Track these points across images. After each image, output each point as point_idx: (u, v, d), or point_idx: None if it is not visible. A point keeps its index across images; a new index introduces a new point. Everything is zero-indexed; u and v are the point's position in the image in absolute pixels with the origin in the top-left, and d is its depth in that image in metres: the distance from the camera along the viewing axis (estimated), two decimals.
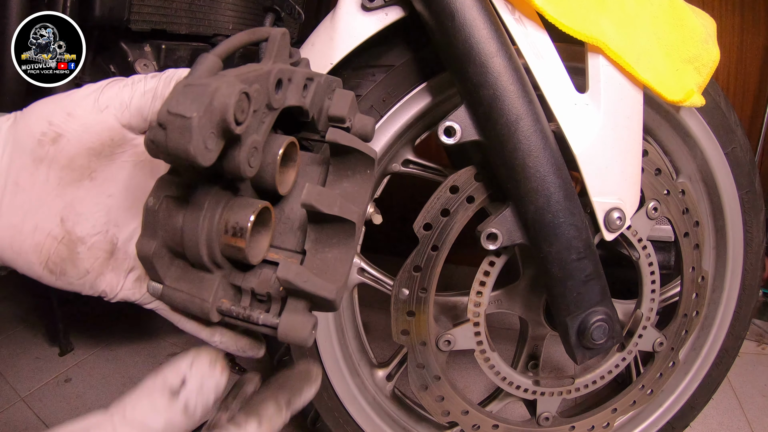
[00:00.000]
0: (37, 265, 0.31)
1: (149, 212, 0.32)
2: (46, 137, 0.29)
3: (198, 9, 0.73)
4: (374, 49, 0.65)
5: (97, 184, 0.32)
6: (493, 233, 0.60)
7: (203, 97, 0.26)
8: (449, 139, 0.57)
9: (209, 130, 0.26)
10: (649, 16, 0.60)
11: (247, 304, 0.35)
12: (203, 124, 0.26)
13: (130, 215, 0.34)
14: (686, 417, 0.88)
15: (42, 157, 0.29)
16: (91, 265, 0.33)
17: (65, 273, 0.32)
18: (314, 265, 0.35)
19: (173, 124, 0.25)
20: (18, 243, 0.30)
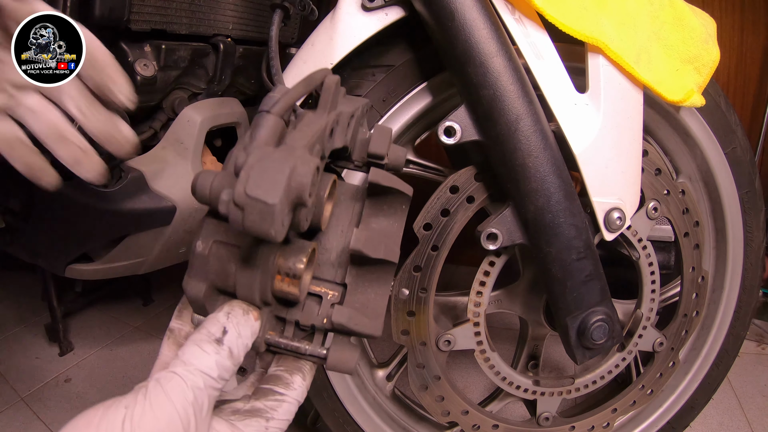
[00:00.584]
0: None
1: (199, 257, 0.32)
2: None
3: (198, 9, 0.73)
4: (374, 49, 0.65)
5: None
6: (493, 233, 0.60)
7: (281, 180, 0.25)
8: (449, 139, 0.57)
9: (287, 212, 0.27)
10: (649, 16, 0.60)
11: (290, 335, 0.36)
12: (282, 206, 0.26)
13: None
14: (686, 417, 0.88)
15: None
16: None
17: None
18: (356, 300, 0.36)
19: (252, 208, 0.25)
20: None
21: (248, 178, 0.26)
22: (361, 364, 0.77)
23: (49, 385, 1.09)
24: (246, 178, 0.26)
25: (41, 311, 1.34)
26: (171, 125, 0.75)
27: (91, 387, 1.09)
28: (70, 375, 1.12)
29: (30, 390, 1.07)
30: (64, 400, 1.04)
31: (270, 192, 0.25)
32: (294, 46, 0.96)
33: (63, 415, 1.01)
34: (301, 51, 0.64)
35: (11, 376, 1.10)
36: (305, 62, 0.64)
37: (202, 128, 0.76)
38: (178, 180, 0.74)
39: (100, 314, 1.40)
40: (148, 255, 0.79)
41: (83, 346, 1.25)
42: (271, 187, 0.25)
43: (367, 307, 0.36)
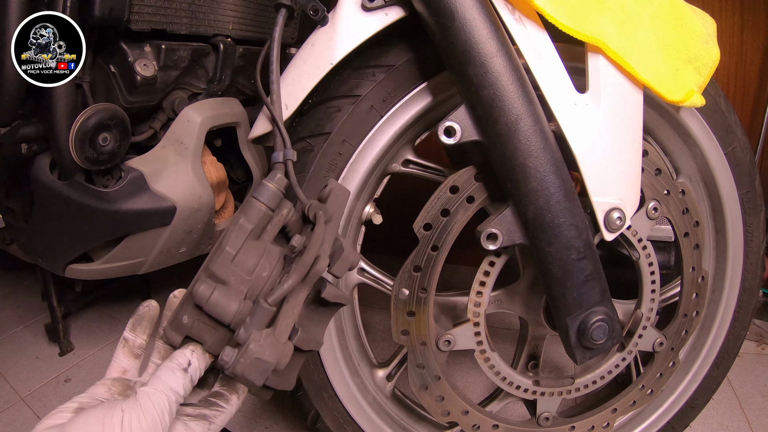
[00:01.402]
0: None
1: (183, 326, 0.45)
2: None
3: (198, 9, 0.73)
4: (374, 48, 0.65)
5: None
6: (493, 233, 0.60)
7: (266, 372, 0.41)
8: (449, 139, 0.57)
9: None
10: (649, 16, 0.60)
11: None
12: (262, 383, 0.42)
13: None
14: (686, 417, 0.88)
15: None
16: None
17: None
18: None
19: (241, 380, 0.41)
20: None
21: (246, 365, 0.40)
22: (361, 364, 0.77)
23: (49, 385, 1.09)
24: (245, 363, 0.40)
25: (41, 311, 1.34)
26: (171, 125, 0.75)
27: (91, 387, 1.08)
28: (70, 375, 1.12)
29: (30, 390, 1.07)
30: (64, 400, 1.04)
31: (258, 378, 0.40)
32: (294, 46, 0.96)
33: None
34: (301, 51, 0.64)
35: (11, 376, 1.10)
36: (305, 62, 0.64)
37: (202, 128, 0.76)
38: (178, 180, 0.74)
39: (100, 314, 1.40)
40: (148, 255, 0.79)
41: (83, 346, 1.25)
42: (259, 375, 0.40)
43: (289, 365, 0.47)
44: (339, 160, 0.67)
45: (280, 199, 0.48)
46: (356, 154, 0.67)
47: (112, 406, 0.39)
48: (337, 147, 0.67)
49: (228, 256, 0.43)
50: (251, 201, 0.46)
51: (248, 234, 0.44)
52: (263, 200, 0.46)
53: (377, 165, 0.70)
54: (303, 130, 0.68)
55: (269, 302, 0.41)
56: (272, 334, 0.41)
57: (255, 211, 0.46)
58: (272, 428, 1.00)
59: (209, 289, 0.42)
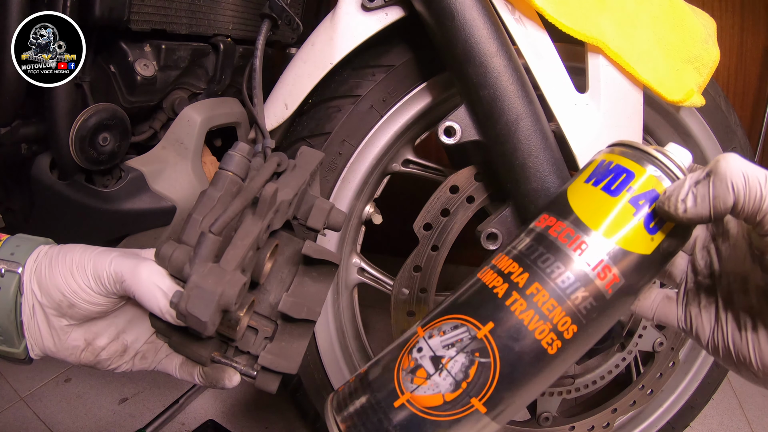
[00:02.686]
0: (74, 364, 0.45)
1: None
2: (63, 303, 0.41)
3: (198, 9, 0.73)
4: (374, 48, 0.65)
5: (107, 317, 0.45)
6: (493, 233, 0.60)
7: (211, 302, 0.36)
8: (449, 139, 0.57)
9: (216, 318, 0.37)
10: (649, 16, 0.60)
11: (231, 354, 0.47)
12: (213, 319, 0.36)
13: (132, 325, 0.46)
14: (686, 417, 0.88)
15: (63, 312, 0.41)
16: (111, 361, 0.46)
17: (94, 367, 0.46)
18: (283, 338, 0.46)
19: (191, 318, 0.36)
20: (58, 352, 0.43)
21: (189, 298, 0.36)
22: (361, 364, 0.77)
23: (49, 385, 1.09)
24: (187, 297, 0.36)
25: None
26: (171, 125, 0.75)
27: (91, 387, 1.08)
28: (70, 375, 1.12)
29: (30, 390, 1.07)
30: (64, 400, 1.04)
31: (203, 312, 0.36)
32: (294, 46, 0.96)
33: (63, 415, 1.01)
34: (301, 51, 0.64)
35: (11, 376, 1.10)
36: (305, 62, 0.64)
37: (202, 128, 0.76)
38: (177, 180, 0.74)
39: None
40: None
41: None
42: (204, 308, 0.36)
43: (290, 347, 0.45)
44: (339, 160, 0.67)
45: (247, 166, 0.46)
46: (356, 154, 0.67)
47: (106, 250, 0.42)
48: (337, 147, 0.67)
49: (195, 222, 0.42)
50: (218, 172, 0.45)
51: (216, 201, 0.43)
52: (230, 168, 0.44)
53: (377, 165, 0.70)
54: (303, 130, 0.68)
55: (212, 230, 0.38)
56: (217, 265, 0.38)
57: (222, 179, 0.44)
58: (272, 428, 1.00)
59: (170, 249, 0.40)
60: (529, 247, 0.35)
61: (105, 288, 0.41)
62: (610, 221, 0.34)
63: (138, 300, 0.40)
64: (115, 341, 0.45)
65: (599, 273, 0.33)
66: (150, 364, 0.48)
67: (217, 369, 0.46)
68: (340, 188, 0.68)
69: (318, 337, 0.72)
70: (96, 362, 0.45)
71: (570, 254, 0.34)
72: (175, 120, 0.75)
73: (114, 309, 0.44)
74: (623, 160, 0.36)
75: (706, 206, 0.31)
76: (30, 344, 0.42)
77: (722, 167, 0.31)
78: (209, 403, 1.04)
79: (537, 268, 0.34)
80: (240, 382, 0.47)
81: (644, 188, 0.34)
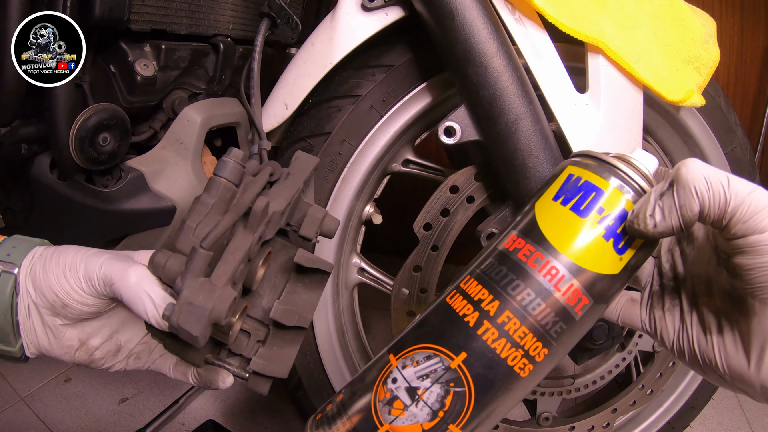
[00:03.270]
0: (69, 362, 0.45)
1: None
2: (57, 304, 0.41)
3: (198, 9, 0.73)
4: (374, 48, 0.65)
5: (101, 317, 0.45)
6: (493, 233, 0.60)
7: (202, 318, 0.37)
8: (449, 139, 0.57)
9: (207, 331, 0.38)
10: (649, 16, 0.60)
11: (224, 356, 0.48)
12: (204, 333, 0.37)
13: (126, 326, 0.47)
14: (686, 417, 0.88)
15: (56, 312, 0.42)
16: (105, 360, 0.47)
17: (89, 366, 0.47)
18: (275, 342, 0.47)
19: (182, 332, 0.37)
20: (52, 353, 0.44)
21: (180, 313, 0.37)
22: (361, 364, 0.77)
23: (49, 385, 1.09)
24: (179, 312, 0.37)
25: None
26: (171, 125, 0.75)
27: (91, 387, 1.09)
28: (70, 375, 1.12)
29: (30, 390, 1.07)
30: (64, 400, 1.04)
31: (194, 327, 0.37)
32: (294, 46, 0.96)
33: (63, 415, 1.01)
34: (301, 51, 0.64)
35: (11, 376, 1.10)
36: (305, 62, 0.64)
37: (202, 128, 0.76)
38: (177, 180, 0.74)
39: None
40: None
41: None
42: (195, 323, 0.37)
43: (281, 352, 0.46)
44: (339, 160, 0.67)
45: (241, 172, 0.46)
46: (356, 154, 0.67)
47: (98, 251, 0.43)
48: (337, 147, 0.67)
49: (188, 230, 0.42)
50: (212, 178, 0.45)
51: (210, 208, 0.43)
52: (224, 175, 0.45)
53: (377, 165, 0.70)
54: (303, 130, 0.68)
55: (203, 245, 0.39)
56: (208, 280, 0.39)
57: (215, 185, 0.44)
58: (272, 428, 1.00)
59: (164, 258, 0.41)
60: (498, 271, 0.35)
61: (95, 290, 0.41)
62: (580, 246, 0.34)
63: (126, 304, 0.41)
64: (108, 341, 0.46)
65: (569, 298, 0.34)
66: (144, 364, 0.49)
67: (210, 370, 0.47)
68: (340, 188, 0.68)
69: (318, 337, 0.72)
70: (90, 361, 0.46)
71: (540, 280, 0.33)
72: (175, 120, 0.75)
73: (107, 310, 0.45)
74: (590, 176, 0.35)
75: (674, 217, 0.31)
76: (26, 343, 0.43)
77: (683, 174, 0.31)
78: (209, 403, 1.04)
79: (507, 295, 0.34)
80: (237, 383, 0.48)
81: (612, 206, 0.34)
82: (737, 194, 0.29)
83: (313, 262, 0.46)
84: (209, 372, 0.47)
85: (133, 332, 0.48)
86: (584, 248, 0.34)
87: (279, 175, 0.50)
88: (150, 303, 0.40)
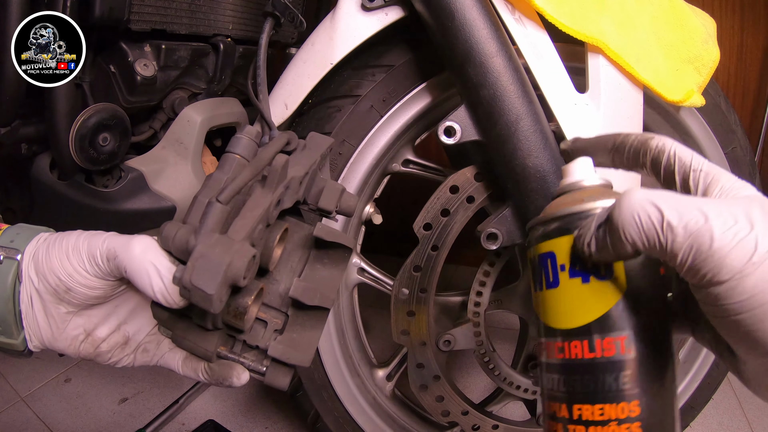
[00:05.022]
0: (73, 356, 0.43)
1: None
2: (60, 288, 0.39)
3: (198, 9, 0.73)
4: (374, 48, 0.65)
5: (107, 304, 0.43)
6: (493, 233, 0.60)
7: (218, 273, 0.32)
8: (449, 139, 0.57)
9: (224, 293, 0.34)
10: (649, 16, 0.60)
11: (239, 350, 0.44)
12: (220, 293, 0.33)
13: (134, 316, 0.45)
14: (686, 417, 0.88)
15: (60, 298, 0.40)
16: (111, 354, 0.44)
17: (94, 360, 0.44)
18: (294, 329, 0.43)
19: (195, 292, 0.33)
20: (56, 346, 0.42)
21: (193, 269, 0.33)
22: (361, 364, 0.77)
23: (49, 385, 1.09)
24: (192, 268, 0.33)
25: None
26: (171, 125, 0.75)
27: (91, 387, 1.09)
28: (70, 375, 1.12)
29: (30, 390, 1.07)
30: (64, 400, 1.04)
31: (209, 284, 0.32)
32: (294, 46, 0.96)
33: (63, 415, 1.01)
34: (301, 51, 0.64)
35: (11, 376, 1.10)
36: (305, 62, 0.64)
37: (202, 128, 0.76)
38: (177, 180, 0.74)
39: None
40: None
41: None
42: (210, 279, 0.32)
43: (302, 338, 0.43)
44: (339, 160, 0.67)
45: (255, 149, 0.44)
46: (356, 154, 0.67)
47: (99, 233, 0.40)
48: (337, 147, 0.67)
49: (200, 204, 0.39)
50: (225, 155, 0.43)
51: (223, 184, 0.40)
52: (237, 151, 0.42)
53: (377, 165, 0.70)
54: (303, 130, 0.68)
55: (219, 199, 0.36)
56: (225, 236, 0.35)
57: (229, 162, 0.42)
58: (272, 428, 1.00)
59: (174, 228, 0.38)
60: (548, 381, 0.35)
61: (99, 268, 0.39)
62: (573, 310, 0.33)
63: (130, 278, 0.38)
64: (116, 332, 0.44)
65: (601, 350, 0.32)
66: (152, 359, 0.46)
67: (223, 366, 0.44)
68: None
69: None
70: (96, 354, 0.43)
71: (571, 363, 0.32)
72: (175, 120, 0.75)
73: (113, 294, 0.42)
74: (540, 246, 0.35)
75: (608, 253, 0.29)
76: (28, 334, 0.41)
77: (615, 215, 0.27)
78: (209, 403, 1.04)
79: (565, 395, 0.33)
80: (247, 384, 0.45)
81: (566, 253, 0.33)
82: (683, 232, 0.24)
83: (334, 235, 0.43)
84: (222, 367, 0.44)
85: (141, 323, 0.45)
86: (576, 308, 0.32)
87: (295, 145, 0.48)
88: (156, 274, 0.37)
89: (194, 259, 0.33)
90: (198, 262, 0.33)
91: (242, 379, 0.43)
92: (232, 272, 0.33)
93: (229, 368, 0.43)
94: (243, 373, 0.43)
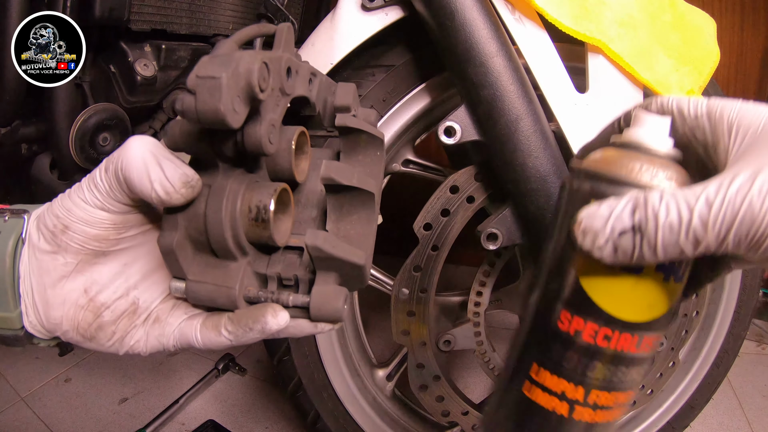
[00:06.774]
0: (71, 332, 0.36)
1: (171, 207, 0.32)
2: (57, 229, 0.35)
3: (198, 9, 0.73)
4: (374, 49, 0.65)
5: (112, 257, 0.37)
6: (493, 233, 0.60)
7: (229, 63, 0.27)
8: (449, 139, 0.58)
9: (236, 93, 0.28)
10: (649, 17, 0.60)
11: (274, 289, 0.34)
12: (231, 85, 0.27)
13: (146, 277, 0.38)
14: (686, 417, 0.88)
15: (58, 244, 0.35)
16: (116, 326, 0.37)
17: (95, 337, 0.37)
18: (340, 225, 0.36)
19: (203, 86, 0.27)
20: (51, 315, 0.36)
21: (200, 66, 0.27)
22: (361, 364, 0.77)
23: (49, 385, 1.09)
24: (198, 67, 0.27)
25: None
26: None
27: (91, 387, 1.09)
28: (70, 375, 1.12)
29: (30, 390, 1.07)
30: (64, 400, 1.04)
31: (217, 70, 0.27)
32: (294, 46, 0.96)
33: (63, 415, 1.01)
34: (301, 51, 0.64)
35: (11, 376, 1.10)
36: None
37: None
38: None
39: None
40: None
41: None
42: (219, 67, 0.27)
43: (351, 245, 0.34)
44: None
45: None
46: None
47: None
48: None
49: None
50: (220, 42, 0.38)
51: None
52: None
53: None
54: None
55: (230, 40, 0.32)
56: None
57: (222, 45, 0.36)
58: (272, 428, 1.00)
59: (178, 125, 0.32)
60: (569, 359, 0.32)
61: (98, 190, 0.34)
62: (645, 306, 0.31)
63: (126, 176, 0.32)
64: (123, 298, 0.37)
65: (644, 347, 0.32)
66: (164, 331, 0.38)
67: (252, 309, 0.35)
68: None
69: (318, 338, 0.72)
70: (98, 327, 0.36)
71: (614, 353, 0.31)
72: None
73: (117, 239, 0.36)
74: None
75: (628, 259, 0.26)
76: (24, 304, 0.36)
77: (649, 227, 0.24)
78: (209, 403, 1.04)
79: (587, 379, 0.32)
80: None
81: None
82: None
83: (359, 123, 0.37)
84: (251, 310, 0.34)
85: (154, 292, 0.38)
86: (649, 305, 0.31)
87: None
88: (154, 162, 0.32)
89: (201, 62, 0.28)
90: (204, 59, 0.28)
91: (279, 318, 0.34)
92: (243, 66, 0.28)
93: (260, 308, 0.34)
94: (280, 312, 0.34)
